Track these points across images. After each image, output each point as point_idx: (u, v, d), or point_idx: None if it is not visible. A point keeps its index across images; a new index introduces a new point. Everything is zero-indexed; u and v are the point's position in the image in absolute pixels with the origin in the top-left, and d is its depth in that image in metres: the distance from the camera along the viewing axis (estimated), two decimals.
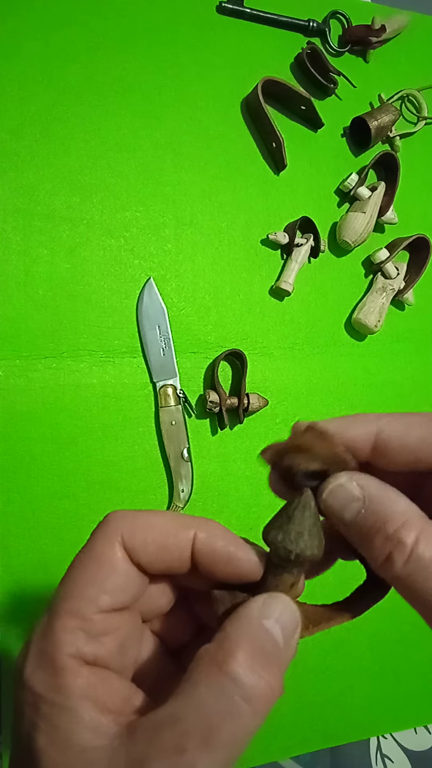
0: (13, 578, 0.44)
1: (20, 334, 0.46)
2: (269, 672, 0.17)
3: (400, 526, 0.18)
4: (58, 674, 0.17)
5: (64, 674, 0.17)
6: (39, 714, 0.17)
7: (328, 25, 0.57)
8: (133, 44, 0.51)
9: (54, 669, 0.17)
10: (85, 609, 0.18)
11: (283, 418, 0.54)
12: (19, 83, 0.48)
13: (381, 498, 0.19)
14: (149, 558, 0.20)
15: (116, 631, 0.19)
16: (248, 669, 0.17)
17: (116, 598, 0.19)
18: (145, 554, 0.20)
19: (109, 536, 0.20)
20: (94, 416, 0.48)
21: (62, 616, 0.18)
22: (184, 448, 0.49)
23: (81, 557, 0.20)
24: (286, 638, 0.18)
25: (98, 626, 0.19)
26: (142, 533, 0.20)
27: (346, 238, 0.55)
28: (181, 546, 0.20)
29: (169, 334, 0.50)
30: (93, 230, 0.49)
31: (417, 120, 0.61)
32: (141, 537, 0.20)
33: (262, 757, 0.49)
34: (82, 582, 0.19)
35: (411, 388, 0.59)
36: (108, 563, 0.19)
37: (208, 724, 0.16)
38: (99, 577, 0.19)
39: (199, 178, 0.52)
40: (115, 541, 0.19)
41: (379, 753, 0.52)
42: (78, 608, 0.18)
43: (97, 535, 0.20)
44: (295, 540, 0.20)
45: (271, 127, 0.52)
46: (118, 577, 0.19)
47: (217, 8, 0.54)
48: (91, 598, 0.19)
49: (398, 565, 0.18)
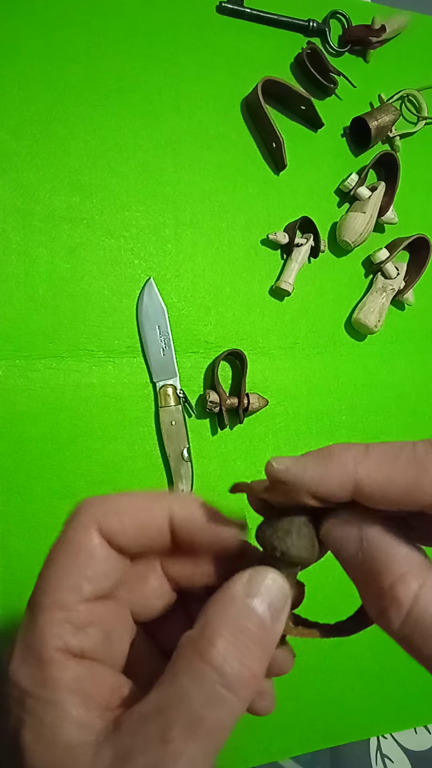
0: (13, 578, 0.44)
1: (20, 334, 0.46)
2: (252, 657, 0.17)
3: (396, 580, 0.16)
4: (44, 668, 0.17)
5: (50, 668, 0.17)
6: (25, 709, 0.17)
7: (328, 25, 0.57)
8: (133, 44, 0.51)
9: (40, 663, 0.17)
10: (68, 599, 0.18)
11: (283, 418, 0.54)
12: (19, 83, 0.48)
13: (379, 543, 0.17)
14: (128, 539, 0.19)
15: (101, 621, 0.19)
16: (230, 657, 0.16)
17: (98, 585, 0.19)
18: (124, 536, 0.19)
19: (83, 523, 0.19)
20: (94, 416, 0.48)
21: (45, 608, 0.18)
22: (184, 448, 0.49)
23: (57, 548, 0.20)
24: (273, 616, 0.18)
25: (83, 616, 0.18)
26: (117, 515, 0.19)
27: (346, 238, 0.55)
28: (158, 522, 0.20)
29: (169, 334, 0.50)
30: (93, 230, 0.49)
31: (417, 120, 0.61)
32: (116, 519, 0.19)
33: (262, 757, 0.49)
34: (62, 572, 0.19)
35: (411, 388, 0.59)
36: (85, 550, 0.19)
37: (191, 713, 0.16)
38: (78, 566, 0.19)
39: (199, 178, 0.52)
40: (90, 528, 0.19)
41: (379, 753, 0.52)
42: (61, 599, 0.18)
43: (71, 524, 0.20)
44: (282, 537, 0.19)
45: (271, 127, 0.52)
46: (97, 563, 0.19)
47: (217, 8, 0.54)
48: (72, 587, 0.18)
49: (395, 624, 0.16)
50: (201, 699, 0.16)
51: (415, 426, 0.59)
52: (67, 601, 0.18)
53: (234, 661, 0.16)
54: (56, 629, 0.18)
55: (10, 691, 0.17)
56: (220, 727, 0.16)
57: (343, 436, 0.56)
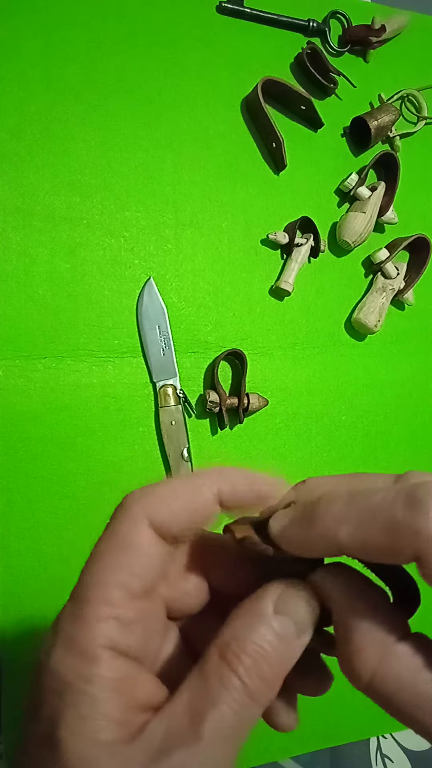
0: (13, 578, 0.44)
1: (20, 334, 0.46)
2: (275, 671, 0.17)
3: (354, 654, 0.17)
4: (90, 664, 0.17)
5: (97, 665, 0.17)
6: (64, 702, 0.17)
7: (328, 25, 0.57)
8: (133, 44, 0.51)
9: (86, 659, 0.17)
10: (117, 596, 0.18)
11: (283, 418, 0.54)
12: (19, 83, 0.48)
13: (345, 611, 0.18)
14: (180, 525, 0.19)
15: (145, 619, 0.19)
16: (253, 673, 0.17)
17: (145, 581, 0.19)
18: (177, 525, 0.19)
19: (133, 517, 0.19)
20: (94, 416, 0.48)
21: (93, 603, 0.18)
22: (184, 448, 0.49)
23: (106, 541, 0.19)
24: (298, 635, 0.18)
25: (130, 614, 0.18)
26: (167, 504, 0.19)
27: (346, 238, 0.55)
28: (208, 501, 0.20)
29: (169, 334, 0.50)
30: (93, 230, 0.49)
31: (417, 120, 0.61)
32: (166, 508, 0.19)
33: (262, 757, 0.49)
34: (111, 568, 0.19)
35: (411, 388, 0.59)
36: (135, 546, 0.19)
37: (221, 714, 0.16)
38: (128, 562, 0.19)
39: (199, 178, 0.52)
40: (140, 521, 0.19)
41: (379, 753, 0.52)
42: (109, 595, 0.18)
43: (120, 517, 0.19)
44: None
45: (271, 127, 0.52)
46: (146, 558, 0.19)
47: (217, 8, 0.54)
48: (121, 584, 0.18)
49: (359, 687, 0.18)
50: (229, 702, 0.17)
51: (415, 426, 0.59)
52: (115, 598, 0.18)
53: (256, 677, 0.17)
54: (103, 626, 0.18)
55: (48, 681, 0.17)
56: (245, 728, 0.17)
57: (343, 436, 0.56)
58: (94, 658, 0.17)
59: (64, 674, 0.17)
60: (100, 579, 0.18)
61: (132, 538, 0.19)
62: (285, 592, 0.19)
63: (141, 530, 0.19)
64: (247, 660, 0.17)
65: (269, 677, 0.17)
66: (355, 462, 0.56)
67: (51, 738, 0.16)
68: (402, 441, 0.58)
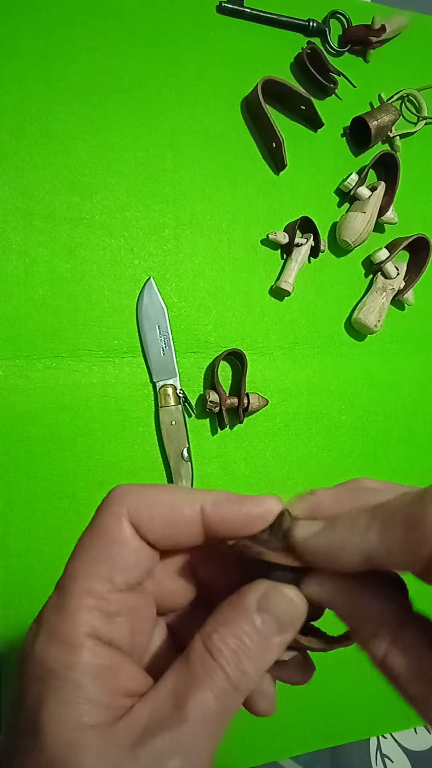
0: (13, 578, 0.44)
1: (20, 334, 0.46)
2: (255, 665, 0.18)
3: (367, 639, 0.18)
4: (73, 652, 0.17)
5: (80, 652, 0.17)
6: (48, 688, 0.17)
7: (328, 25, 0.57)
8: (133, 44, 0.51)
9: (69, 646, 0.17)
10: (100, 588, 0.18)
11: (283, 418, 0.54)
12: (19, 83, 0.48)
13: (351, 601, 0.19)
14: (155, 534, 0.20)
15: (129, 612, 0.19)
16: (234, 665, 0.18)
17: (129, 576, 0.19)
18: (152, 530, 0.20)
19: (116, 512, 0.19)
20: (94, 416, 0.48)
21: (76, 594, 0.18)
22: (184, 448, 0.49)
23: (89, 535, 0.20)
24: (280, 632, 0.18)
25: (113, 606, 0.19)
26: (148, 508, 0.20)
27: (346, 238, 0.55)
28: (188, 520, 0.20)
29: (169, 334, 0.50)
30: (93, 230, 0.49)
31: (417, 120, 0.61)
32: (146, 512, 0.19)
33: (262, 757, 0.49)
34: (94, 561, 0.19)
35: (411, 388, 0.59)
36: (118, 540, 0.19)
37: (205, 699, 0.17)
38: (111, 555, 0.19)
39: (199, 178, 0.52)
40: (122, 517, 0.19)
41: (379, 753, 0.52)
42: (92, 587, 0.18)
43: (103, 512, 0.20)
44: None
45: (271, 127, 0.52)
46: (130, 553, 0.19)
47: (217, 8, 0.54)
48: (104, 576, 0.19)
49: (376, 664, 0.18)
50: (213, 688, 0.17)
51: (415, 426, 0.59)
52: (98, 590, 0.18)
53: (237, 669, 0.18)
54: (86, 616, 0.18)
55: (31, 669, 0.18)
56: (227, 714, 0.18)
57: (343, 436, 0.56)
58: (77, 646, 0.18)
59: (46, 662, 0.17)
60: (84, 571, 0.19)
61: (115, 534, 0.19)
62: (270, 589, 0.19)
63: (123, 526, 0.19)
64: (227, 652, 0.18)
65: (248, 670, 0.18)
66: (355, 462, 0.56)
67: (34, 725, 0.17)
68: (402, 441, 0.58)
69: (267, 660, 0.18)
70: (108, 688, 0.17)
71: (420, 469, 0.59)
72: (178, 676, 0.18)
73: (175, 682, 0.18)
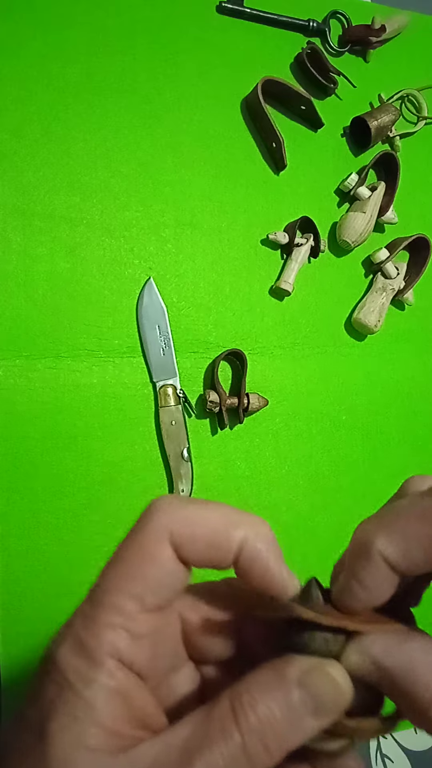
0: (13, 578, 0.44)
1: (20, 334, 0.46)
2: (279, 742, 0.17)
3: (428, 707, 0.17)
4: (93, 669, 0.17)
5: (99, 671, 0.17)
6: (62, 698, 0.17)
7: (328, 25, 0.57)
8: (133, 44, 0.51)
9: (90, 662, 0.17)
10: (130, 607, 0.18)
11: (283, 418, 0.54)
12: (19, 83, 0.48)
13: (399, 669, 0.17)
14: (196, 554, 0.19)
15: (154, 634, 0.19)
16: (256, 738, 0.16)
17: (161, 596, 0.19)
18: (193, 550, 0.19)
19: (157, 529, 0.19)
20: (94, 416, 0.48)
21: (106, 608, 0.18)
22: (184, 448, 0.49)
23: (127, 548, 0.19)
24: (315, 715, 0.17)
25: (140, 627, 0.18)
26: (192, 528, 0.19)
27: (346, 238, 0.55)
28: (229, 546, 0.19)
29: (169, 334, 0.50)
30: (93, 230, 0.49)
31: (417, 120, 0.61)
32: (190, 532, 0.19)
33: None
34: (128, 577, 0.18)
35: (411, 388, 0.59)
36: (155, 559, 0.19)
37: (213, 764, 0.16)
38: (145, 575, 0.18)
39: (199, 178, 0.52)
40: (163, 535, 0.19)
41: (379, 753, 0.52)
42: (122, 604, 0.18)
43: (145, 526, 0.19)
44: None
45: (271, 127, 0.52)
46: (165, 574, 0.19)
47: (217, 8, 0.54)
48: (136, 595, 0.18)
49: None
50: (224, 754, 0.16)
51: (415, 426, 0.59)
52: (128, 608, 0.18)
53: (257, 740, 0.16)
54: (112, 634, 0.18)
55: (51, 671, 0.17)
56: None
57: (342, 436, 0.56)
58: (99, 663, 0.17)
59: (66, 671, 0.17)
60: (117, 585, 0.18)
61: (153, 552, 0.19)
62: (317, 666, 0.17)
63: (163, 545, 0.19)
64: (253, 719, 0.16)
65: (270, 745, 0.16)
66: (355, 462, 0.56)
67: (41, 727, 0.17)
68: (402, 441, 0.58)
69: (293, 740, 0.17)
70: (118, 714, 0.17)
71: (420, 469, 0.59)
72: (194, 729, 0.17)
73: (189, 735, 0.17)
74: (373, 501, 0.56)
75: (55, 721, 0.16)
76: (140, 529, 0.19)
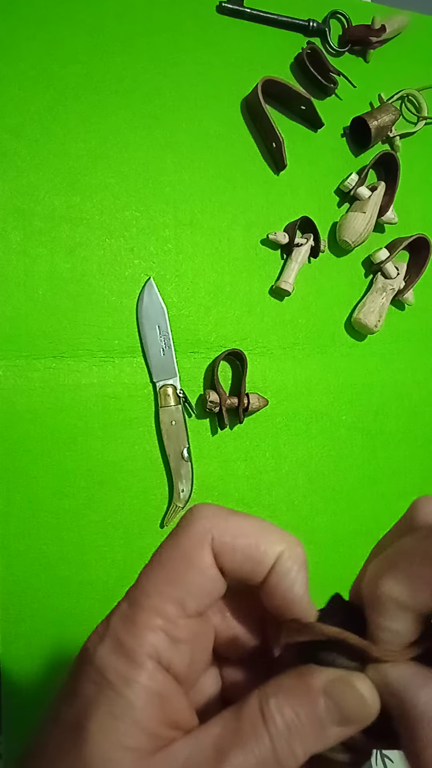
0: (13, 578, 0.44)
1: (20, 334, 0.46)
2: (304, 746, 0.17)
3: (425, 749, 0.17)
4: (133, 669, 0.17)
5: (140, 672, 0.17)
6: (101, 697, 0.17)
7: (328, 25, 0.57)
8: (133, 44, 0.51)
9: (130, 663, 0.17)
10: (171, 611, 0.18)
11: (283, 418, 0.54)
12: (19, 83, 0.48)
13: (406, 711, 0.17)
14: (233, 564, 0.19)
15: (192, 640, 0.19)
16: (282, 740, 0.17)
17: (201, 602, 0.19)
18: (232, 561, 0.19)
19: (200, 535, 0.19)
20: (94, 416, 0.48)
21: (147, 610, 0.18)
22: (184, 448, 0.49)
23: (168, 551, 0.19)
24: (339, 725, 0.17)
25: (180, 631, 0.18)
26: (233, 538, 0.19)
27: (346, 238, 0.55)
28: (266, 561, 0.19)
29: (169, 334, 0.50)
30: (93, 230, 0.49)
31: (417, 120, 0.61)
32: (231, 541, 0.19)
33: None
34: (169, 580, 0.19)
35: (411, 388, 0.59)
36: (197, 565, 0.19)
37: (245, 762, 0.17)
38: (187, 579, 0.19)
39: (199, 178, 0.52)
40: (205, 542, 0.19)
41: (379, 753, 0.52)
42: (163, 608, 0.18)
43: (187, 531, 0.19)
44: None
45: (271, 127, 0.52)
46: (206, 581, 0.19)
47: (217, 8, 0.54)
48: (177, 599, 0.18)
49: None
50: (255, 753, 0.17)
51: (415, 426, 0.59)
52: (169, 612, 0.18)
53: (285, 743, 0.17)
54: (153, 636, 0.18)
55: (89, 672, 0.17)
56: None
57: (342, 436, 0.56)
58: (139, 665, 0.17)
59: (106, 671, 0.17)
60: (158, 588, 0.18)
61: (195, 558, 0.19)
62: (343, 677, 0.18)
63: (205, 551, 0.19)
64: (280, 723, 0.17)
65: (297, 749, 0.17)
66: (355, 462, 0.56)
67: (79, 726, 0.17)
68: (402, 441, 0.58)
69: (317, 746, 0.17)
70: (156, 715, 0.17)
71: (420, 469, 0.59)
72: (225, 727, 0.17)
73: (221, 734, 0.17)
74: (373, 501, 0.56)
75: (94, 720, 0.17)
76: (182, 533, 0.19)
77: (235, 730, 0.17)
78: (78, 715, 0.17)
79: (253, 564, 0.19)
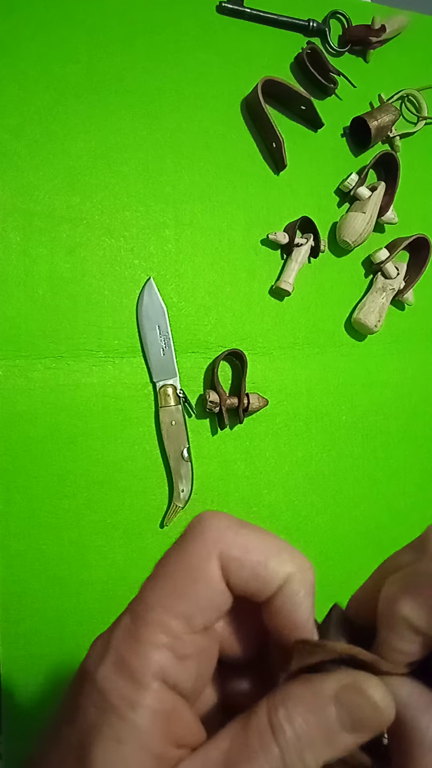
0: (13, 578, 0.44)
1: (20, 334, 0.46)
2: (315, 756, 0.17)
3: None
4: (138, 691, 0.16)
5: (145, 694, 0.16)
6: (104, 721, 0.16)
7: (328, 25, 0.57)
8: (133, 44, 0.51)
9: (135, 684, 0.17)
10: (177, 626, 0.17)
11: (283, 418, 0.54)
12: (19, 83, 0.48)
13: (408, 729, 0.17)
14: (239, 580, 0.18)
15: (198, 655, 0.18)
16: (292, 750, 0.16)
17: (208, 617, 0.18)
18: (238, 577, 0.18)
19: (207, 547, 0.18)
20: (94, 416, 0.48)
21: (150, 626, 0.17)
22: (184, 448, 0.49)
23: (173, 563, 0.18)
24: (352, 732, 0.17)
25: (186, 648, 0.18)
26: (241, 553, 0.18)
27: (346, 238, 0.55)
28: (273, 581, 0.18)
29: (169, 334, 0.50)
30: (93, 230, 0.49)
31: (417, 120, 0.61)
32: (240, 556, 0.18)
33: None
34: (175, 593, 0.18)
35: (411, 388, 0.59)
36: (205, 579, 0.18)
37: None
38: (194, 593, 0.18)
39: (199, 178, 0.52)
40: (213, 555, 0.18)
41: None
42: (169, 623, 0.17)
43: (195, 542, 0.18)
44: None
45: (271, 127, 0.52)
46: (214, 595, 0.18)
47: (217, 8, 0.54)
48: (183, 614, 0.17)
49: None
50: (265, 767, 0.16)
51: (415, 426, 0.59)
52: (174, 628, 0.17)
53: (294, 753, 0.16)
54: (158, 655, 0.17)
55: (91, 694, 0.17)
56: None
57: (342, 436, 0.56)
58: (144, 686, 0.17)
59: (109, 693, 0.16)
60: (162, 602, 0.18)
61: (203, 571, 0.18)
62: (353, 682, 0.17)
63: (213, 565, 0.18)
64: (290, 734, 0.16)
65: (308, 760, 0.16)
66: (355, 462, 0.56)
67: (82, 751, 0.16)
68: (402, 441, 0.58)
69: (328, 755, 0.17)
70: (163, 736, 0.17)
71: (420, 469, 0.59)
72: (233, 740, 0.17)
73: (230, 747, 0.17)
74: (373, 501, 0.56)
75: (98, 745, 0.16)
76: (189, 544, 0.18)
77: (243, 743, 0.16)
78: (81, 738, 0.16)
79: (260, 583, 0.18)
